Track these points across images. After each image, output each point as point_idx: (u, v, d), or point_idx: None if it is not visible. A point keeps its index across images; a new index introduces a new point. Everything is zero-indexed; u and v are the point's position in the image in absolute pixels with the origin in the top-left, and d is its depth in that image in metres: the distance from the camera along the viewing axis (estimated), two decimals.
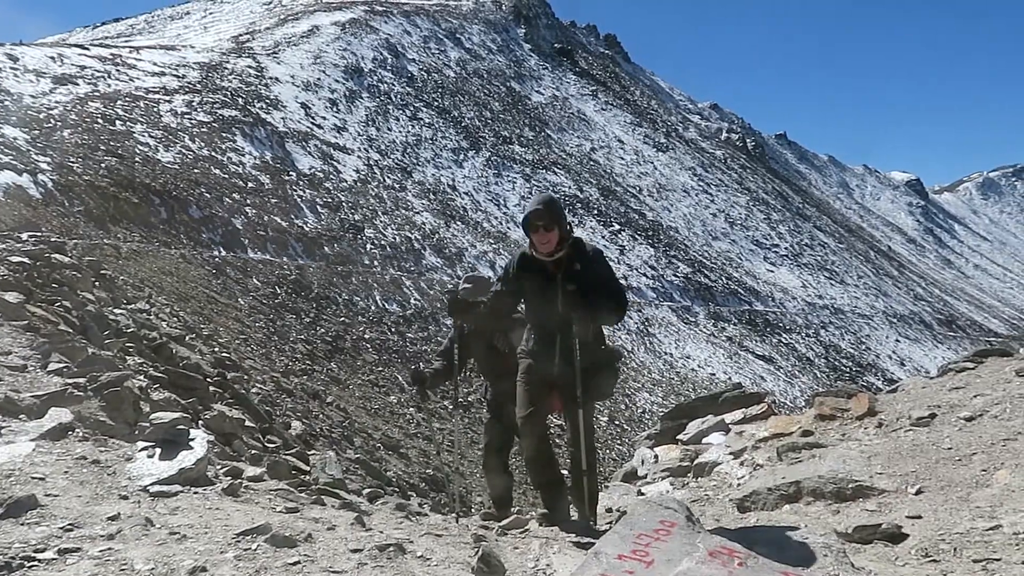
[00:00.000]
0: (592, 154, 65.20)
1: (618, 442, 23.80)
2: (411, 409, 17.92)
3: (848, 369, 47.17)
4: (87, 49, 38.39)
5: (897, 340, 57.73)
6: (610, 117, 76.72)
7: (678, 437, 6.86)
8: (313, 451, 8.39)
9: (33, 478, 3.22)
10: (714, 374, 36.37)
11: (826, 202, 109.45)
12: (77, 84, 30.56)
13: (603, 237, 47.93)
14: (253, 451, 6.70)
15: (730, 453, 5.72)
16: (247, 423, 8.22)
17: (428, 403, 6.40)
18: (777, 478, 4.51)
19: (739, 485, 5.02)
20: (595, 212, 51.07)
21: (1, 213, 16.62)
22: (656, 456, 6.54)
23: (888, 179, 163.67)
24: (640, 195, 61.47)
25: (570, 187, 53.43)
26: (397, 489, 10.07)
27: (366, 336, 21.72)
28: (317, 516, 3.39)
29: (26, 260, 9.50)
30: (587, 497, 4.19)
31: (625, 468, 6.90)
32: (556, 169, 55.50)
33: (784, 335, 48.28)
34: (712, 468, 5.66)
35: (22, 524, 2.75)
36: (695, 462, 5.89)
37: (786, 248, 68.16)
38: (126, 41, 55.55)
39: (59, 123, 24.79)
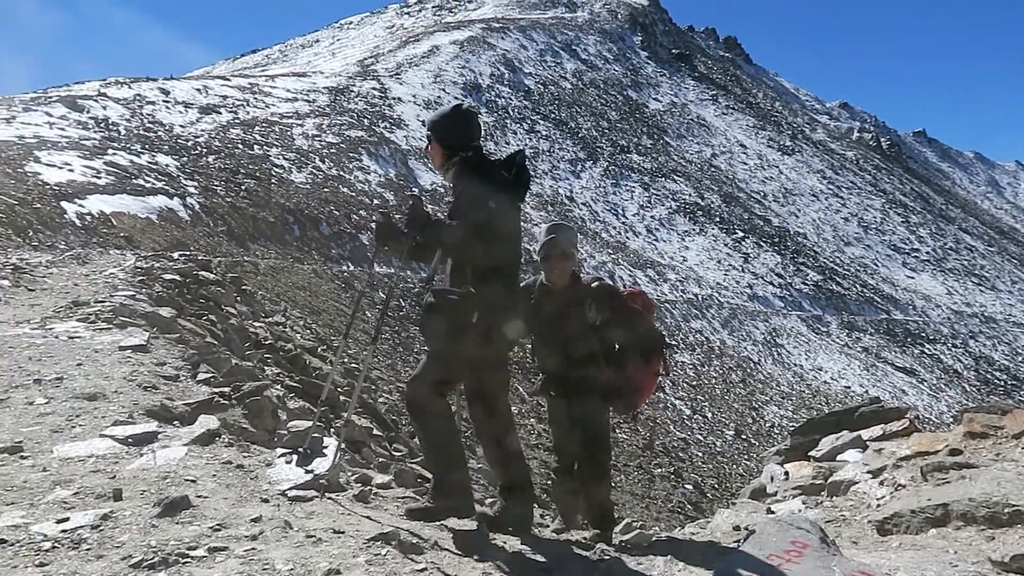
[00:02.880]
0: (713, 160, 63.62)
1: (745, 457, 22.97)
2: (531, 420, 18.03)
3: (1002, 383, 43.48)
4: (228, 80, 41.33)
5: None
6: (731, 121, 74.63)
7: (810, 453, 6.54)
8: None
9: (186, 480, 3.48)
10: (849, 387, 34.46)
11: (973, 202, 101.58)
12: (220, 113, 32.92)
13: (726, 245, 46.57)
14: (380, 459, 6.94)
15: (868, 472, 5.39)
16: (375, 431, 8.53)
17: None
18: (922, 500, 4.21)
19: (879, 506, 4.73)
20: (717, 219, 49.73)
21: (156, 234, 18.12)
22: (786, 473, 6.26)
23: None
24: (765, 200, 59.34)
25: (690, 195, 52.32)
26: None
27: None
28: (442, 524, 3.48)
29: (177, 277, 10.31)
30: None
31: (753, 485, 6.64)
32: (675, 177, 54.51)
33: (927, 346, 45.12)
34: (848, 487, 5.36)
35: (177, 523, 2.98)
36: (829, 480, 5.59)
37: (927, 253, 63.79)
38: (262, 70, 59.34)
39: (204, 149, 26.77)
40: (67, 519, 2.95)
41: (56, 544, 2.76)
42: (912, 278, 58.08)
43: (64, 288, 9.59)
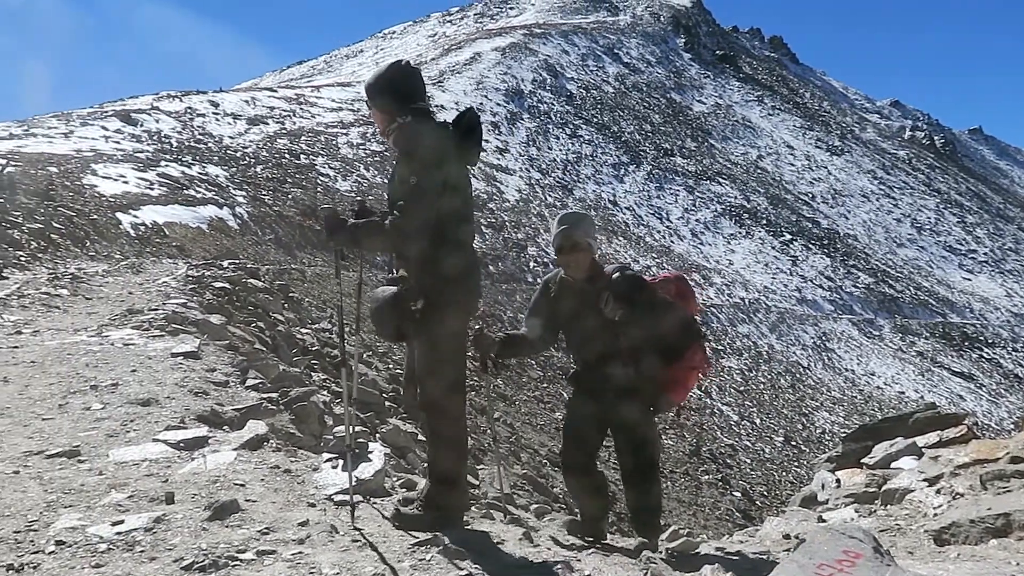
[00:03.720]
0: (759, 162, 62.69)
1: (795, 464, 22.51)
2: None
3: None
4: (275, 91, 42.19)
5: None
6: (778, 122, 73.46)
7: (863, 460, 6.37)
8: (481, 466, 8.60)
9: (235, 484, 3.55)
10: (903, 392, 33.55)
11: None
12: (267, 123, 33.62)
13: (773, 248, 45.80)
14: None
15: (924, 480, 5.23)
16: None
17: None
18: (981, 509, 4.07)
19: (935, 515, 4.59)
20: (764, 222, 48.95)
21: (206, 243, 18.56)
22: (838, 480, 6.11)
23: None
24: (813, 202, 58.22)
25: (736, 197, 51.62)
26: (564, 506, 10.08)
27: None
28: (487, 530, 3.47)
29: (227, 285, 10.54)
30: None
31: (803, 492, 6.50)
32: (721, 179, 53.85)
33: (986, 350, 43.68)
34: (903, 495, 5.21)
35: (226, 526, 3.04)
36: (883, 488, 5.44)
37: (985, 254, 61.82)
38: (308, 81, 60.43)
39: (252, 160, 27.35)
40: (122, 521, 3.02)
41: (111, 546, 2.83)
42: (969, 280, 56.31)
43: (119, 297, 9.88)
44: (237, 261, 14.70)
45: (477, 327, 3.86)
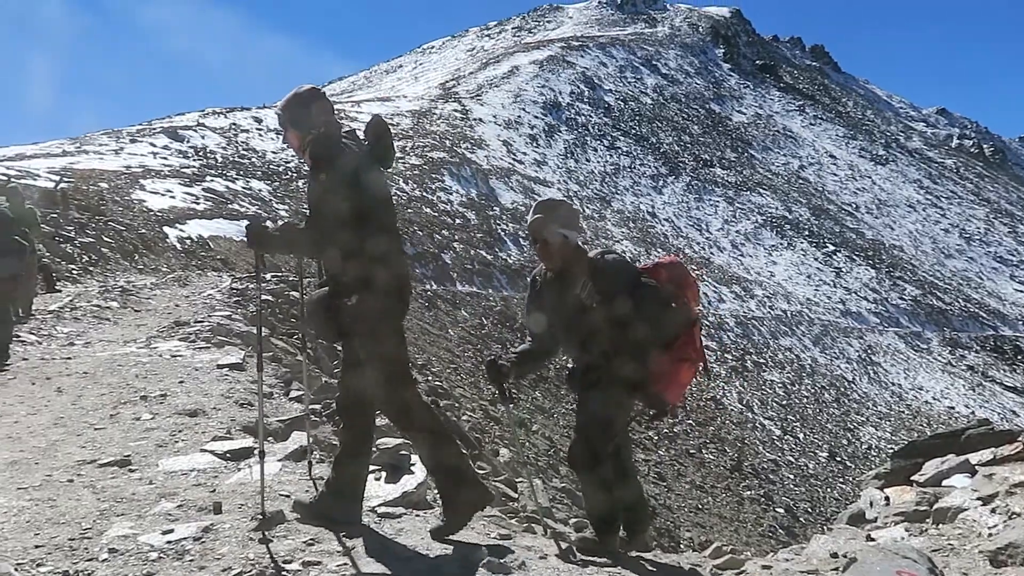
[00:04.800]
0: (801, 172, 61.82)
1: (840, 480, 22.01)
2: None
3: None
4: None
5: None
6: (820, 132, 72.41)
7: (912, 478, 6.20)
8: (520, 479, 8.58)
9: (280, 495, 3.59)
10: (953, 408, 32.63)
11: None
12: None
13: (816, 259, 45.04)
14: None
15: (978, 498, 5.07)
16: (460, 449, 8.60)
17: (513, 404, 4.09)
18: None
19: (991, 535, 4.44)
20: (806, 233, 48.19)
21: (250, 256, 18.89)
22: (887, 498, 5.95)
23: None
24: (857, 212, 57.17)
25: (777, 208, 50.92)
26: None
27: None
28: (529, 544, 3.46)
29: (270, 298, 10.71)
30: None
31: (850, 510, 6.34)
32: (761, 190, 53.19)
33: None
34: (956, 514, 5.06)
35: (273, 536, 3.08)
36: (935, 507, 5.29)
37: None
38: (348, 96, 61.36)
39: (294, 174, 27.80)
40: (171, 531, 3.08)
41: (162, 555, 2.89)
42: (1021, 291, 54.64)
43: (167, 309, 10.12)
44: (280, 274, 14.93)
45: (490, 357, 3.75)
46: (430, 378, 13.07)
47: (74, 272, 13.30)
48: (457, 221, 29.91)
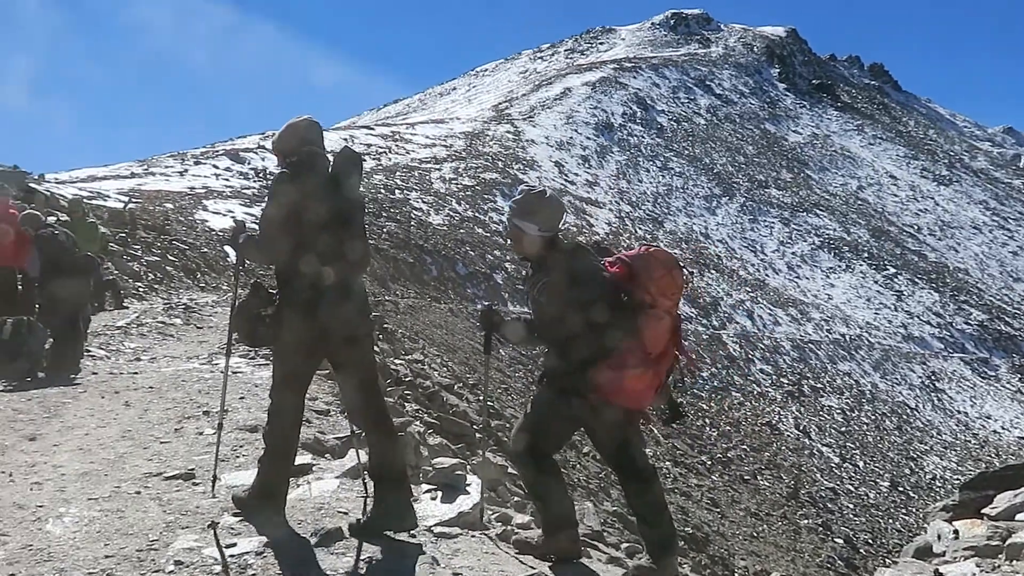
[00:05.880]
0: (859, 192, 60.41)
1: (902, 511, 21.23)
2: (667, 462, 17.51)
3: None
4: (372, 129, 43.77)
5: None
6: (879, 152, 70.75)
7: (983, 511, 5.95)
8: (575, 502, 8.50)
9: (339, 512, 3.65)
10: None
11: None
12: (364, 160, 34.84)
13: (876, 282, 43.84)
14: (516, 498, 6.95)
15: None
16: (510, 470, 8.58)
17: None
18: None
19: None
20: (865, 255, 47.00)
21: None
22: (956, 531, 5.71)
23: None
24: (919, 234, 55.53)
25: (835, 229, 49.81)
26: None
27: None
28: (583, 572, 3.43)
29: None
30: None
31: (916, 543, 6.11)
32: (818, 211, 52.14)
33: None
34: None
35: (332, 553, 3.12)
36: (1008, 542, 5.06)
37: None
38: (403, 119, 62.45)
39: None
40: (234, 544, 3.15)
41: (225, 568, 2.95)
42: None
43: (227, 326, 10.38)
44: None
45: (487, 304, 3.78)
46: (481, 397, 13.08)
47: (140, 289, 13.77)
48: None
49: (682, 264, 3.46)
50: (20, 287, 8.16)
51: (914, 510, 20.89)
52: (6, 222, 8.11)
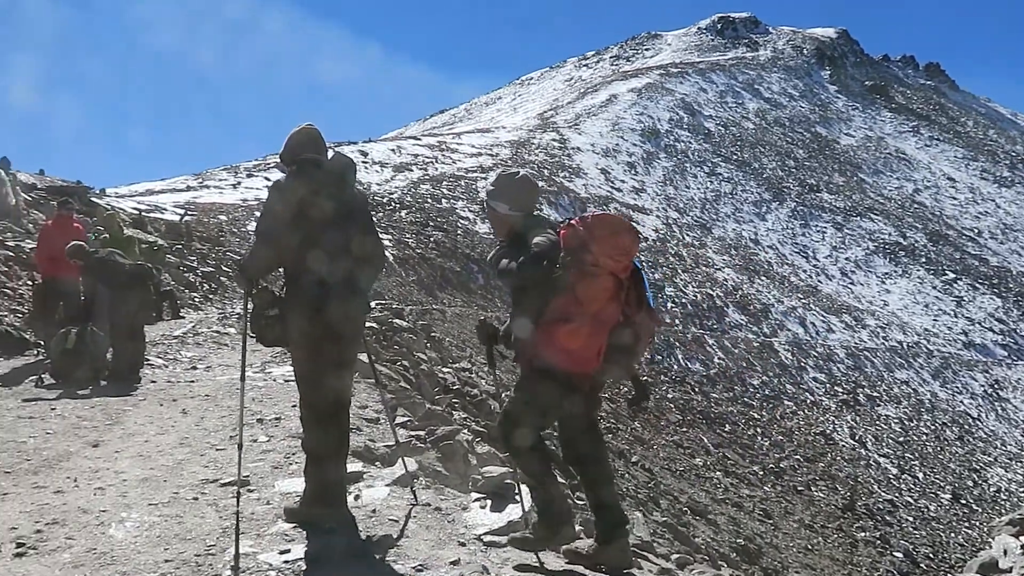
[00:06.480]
0: (916, 196, 58.76)
1: (965, 524, 20.51)
2: (718, 473, 17.24)
3: None
4: (419, 139, 44.23)
5: None
6: (936, 153, 68.77)
7: None
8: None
9: (390, 520, 3.68)
10: None
11: None
12: (411, 170, 35.24)
13: (934, 287, 42.54)
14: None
15: None
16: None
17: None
18: None
19: None
20: (923, 260, 45.67)
21: None
22: (1023, 546, 5.51)
23: None
24: (980, 238, 53.72)
25: (890, 234, 48.52)
26: (707, 557, 9.67)
27: (669, 396, 21.52)
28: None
29: (374, 325, 11.03)
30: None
31: (981, 557, 5.91)
32: (872, 215, 50.86)
33: None
34: None
35: (384, 560, 3.16)
36: None
37: None
38: (449, 129, 62.96)
39: (397, 204, 28.69)
40: (288, 551, 3.21)
41: (280, 573, 3.01)
42: None
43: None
44: (383, 301, 15.39)
45: (482, 317, 3.84)
46: None
47: (196, 300, 14.15)
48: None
49: (634, 229, 3.47)
50: (83, 298, 8.44)
51: (978, 524, 20.16)
52: (72, 236, 8.40)
